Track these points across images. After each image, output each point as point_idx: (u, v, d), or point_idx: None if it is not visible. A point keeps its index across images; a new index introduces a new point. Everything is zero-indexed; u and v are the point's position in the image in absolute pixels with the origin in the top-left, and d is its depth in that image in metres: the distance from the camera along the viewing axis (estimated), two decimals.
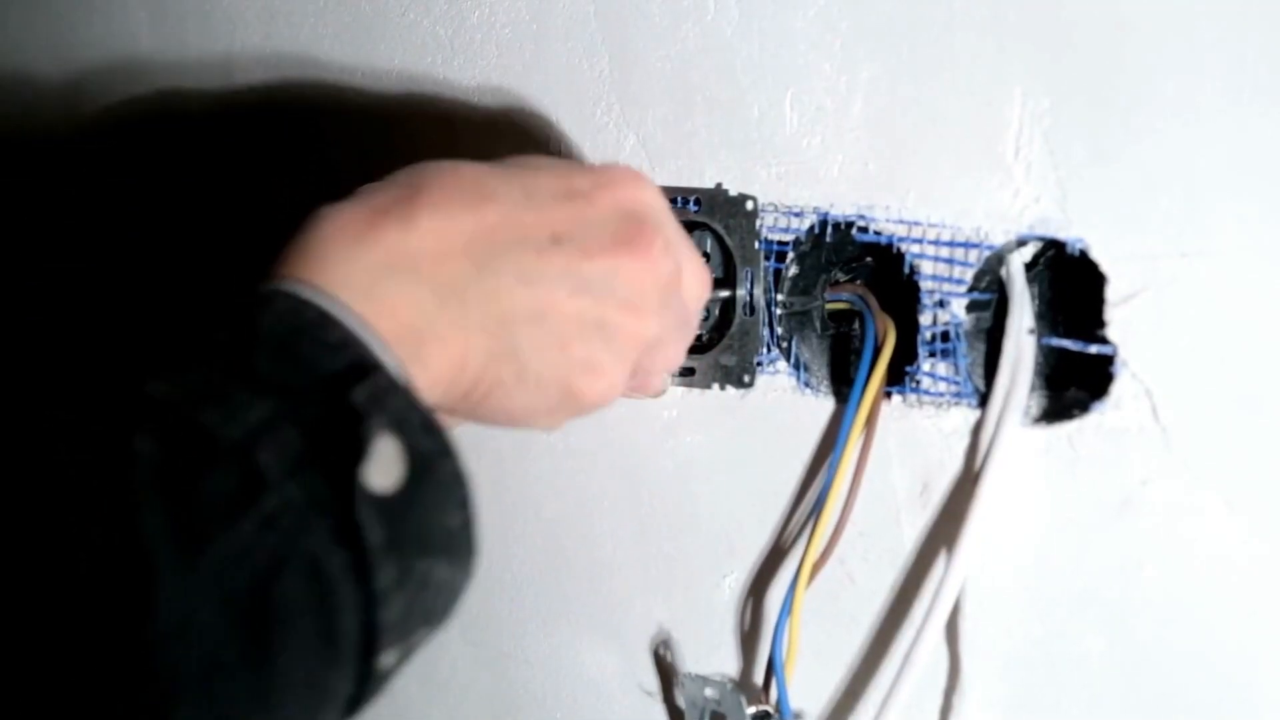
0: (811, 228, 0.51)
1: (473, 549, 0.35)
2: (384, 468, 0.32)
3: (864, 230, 0.50)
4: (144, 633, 0.27)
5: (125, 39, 0.74)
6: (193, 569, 0.28)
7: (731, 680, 0.58)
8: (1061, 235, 0.45)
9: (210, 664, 0.28)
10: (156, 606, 0.27)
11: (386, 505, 0.31)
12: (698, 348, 0.55)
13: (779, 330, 0.54)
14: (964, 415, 0.49)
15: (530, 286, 0.38)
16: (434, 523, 0.33)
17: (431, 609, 0.34)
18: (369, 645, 0.32)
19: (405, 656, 0.34)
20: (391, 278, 0.35)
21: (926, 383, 0.50)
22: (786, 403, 0.54)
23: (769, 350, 0.54)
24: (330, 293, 0.34)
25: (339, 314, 0.33)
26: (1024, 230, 0.46)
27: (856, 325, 0.55)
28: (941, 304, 0.49)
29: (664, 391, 0.55)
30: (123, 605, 0.27)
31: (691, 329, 0.48)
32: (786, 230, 0.52)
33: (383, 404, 0.32)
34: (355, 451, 0.31)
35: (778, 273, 0.53)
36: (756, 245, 0.53)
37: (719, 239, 0.53)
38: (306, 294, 0.34)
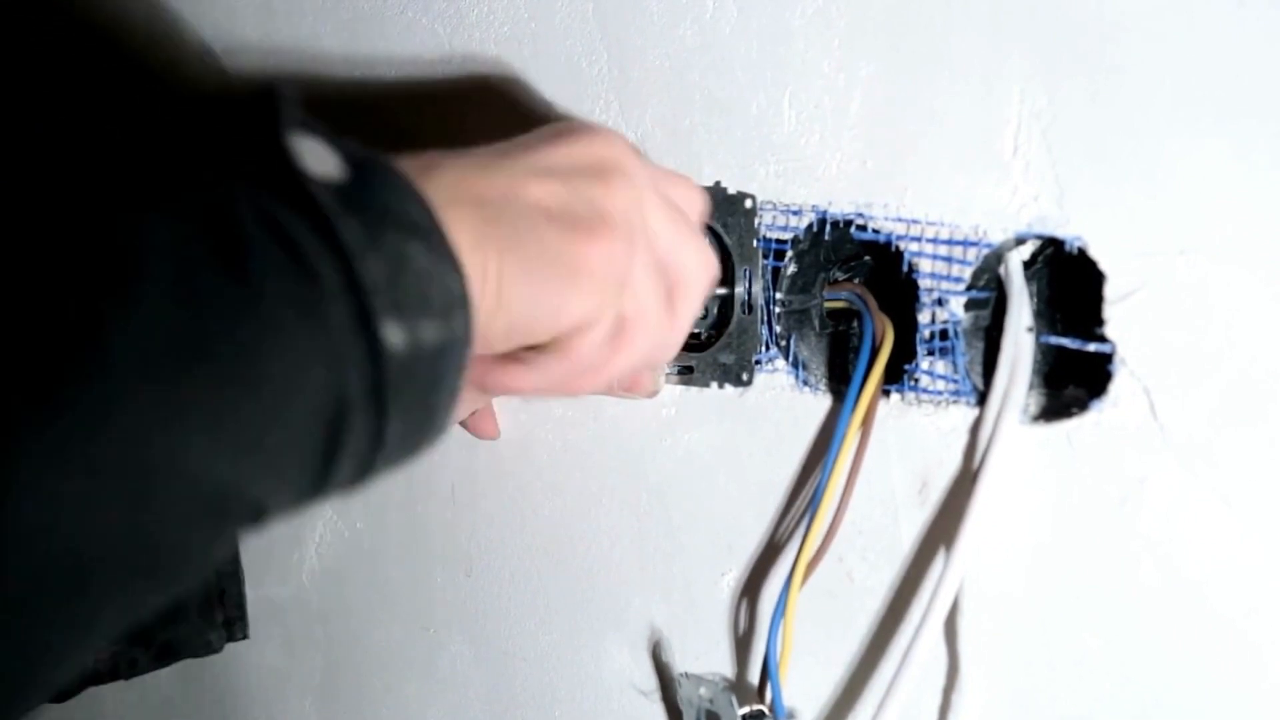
0: (810, 226, 0.51)
1: (446, 240, 0.34)
2: (316, 157, 0.31)
3: (862, 228, 0.50)
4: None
5: (122, 33, 0.74)
6: (153, 209, 0.28)
7: (725, 680, 0.58)
8: (1060, 233, 0.45)
9: (181, 258, 0.27)
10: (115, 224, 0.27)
11: (331, 186, 0.31)
12: (696, 346, 0.55)
13: (777, 328, 0.54)
14: (962, 413, 0.49)
15: (491, 175, 0.39)
16: (393, 205, 0.32)
17: (425, 296, 0.32)
18: (360, 301, 0.30)
19: (417, 347, 0.32)
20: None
21: (925, 381, 0.50)
22: (785, 401, 0.54)
23: (767, 348, 0.54)
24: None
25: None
26: (1022, 228, 0.46)
27: (855, 324, 0.55)
28: (940, 302, 0.49)
29: (659, 391, 0.55)
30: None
31: (690, 303, 0.45)
32: (785, 228, 0.52)
33: (300, 118, 0.32)
34: (275, 134, 0.31)
35: (776, 271, 0.53)
36: (755, 243, 0.53)
37: (717, 237, 0.53)
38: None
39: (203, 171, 0.30)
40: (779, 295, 0.54)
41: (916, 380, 0.50)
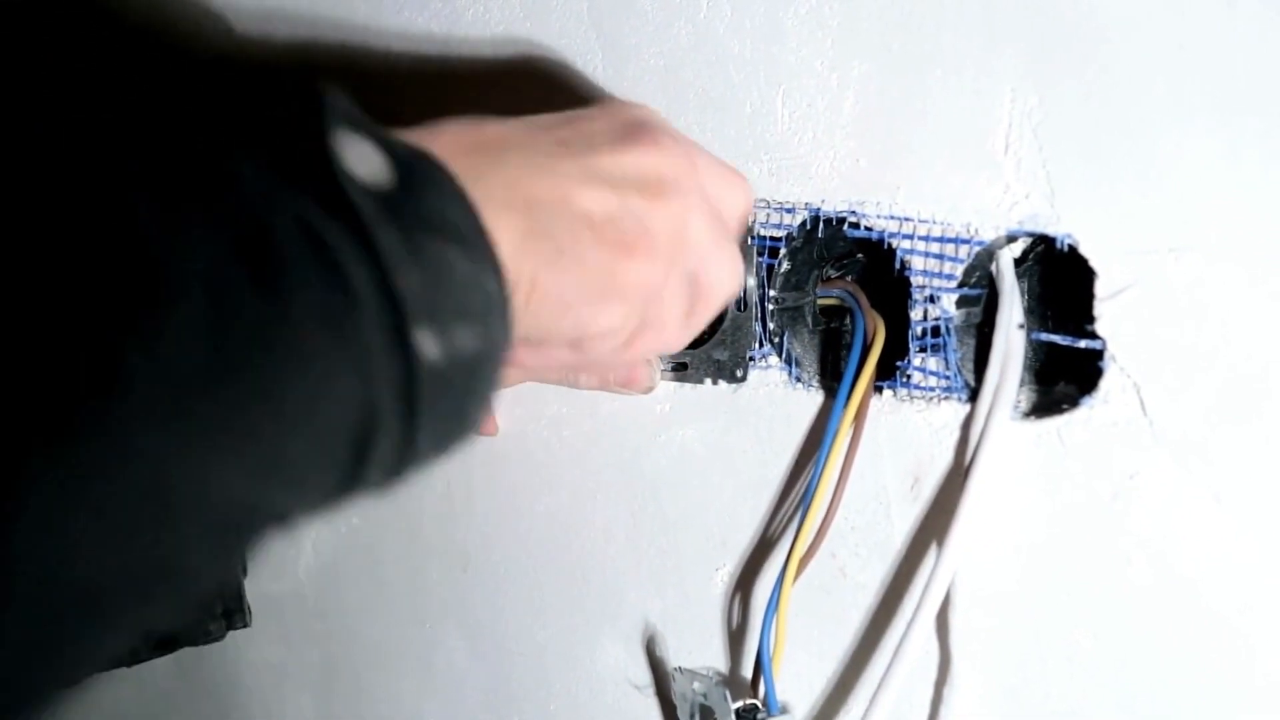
0: (803, 223, 0.52)
1: (490, 247, 0.33)
2: (361, 158, 0.30)
3: (855, 226, 0.50)
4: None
5: (119, 37, 0.74)
6: (178, 214, 0.27)
7: (719, 674, 0.58)
8: (1051, 231, 0.45)
9: (212, 278, 0.26)
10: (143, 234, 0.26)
11: (373, 191, 0.30)
12: (691, 343, 0.55)
13: (771, 325, 0.54)
14: (954, 410, 0.50)
15: (544, 177, 0.38)
16: (436, 211, 0.32)
17: (463, 304, 0.31)
18: (395, 312, 0.29)
19: (453, 356, 0.31)
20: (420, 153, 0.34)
21: (917, 377, 0.50)
22: (778, 397, 0.55)
23: (761, 345, 0.54)
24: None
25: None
26: (1014, 226, 0.47)
27: (848, 321, 0.55)
28: (932, 299, 0.49)
29: (654, 387, 0.56)
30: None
31: (705, 302, 0.45)
32: (779, 226, 0.52)
33: (349, 114, 0.31)
34: (321, 134, 0.30)
35: (770, 268, 0.53)
36: (749, 241, 0.53)
37: None
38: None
39: (240, 171, 0.29)
40: (773, 292, 0.54)
41: (909, 377, 0.50)
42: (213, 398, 0.26)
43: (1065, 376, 0.49)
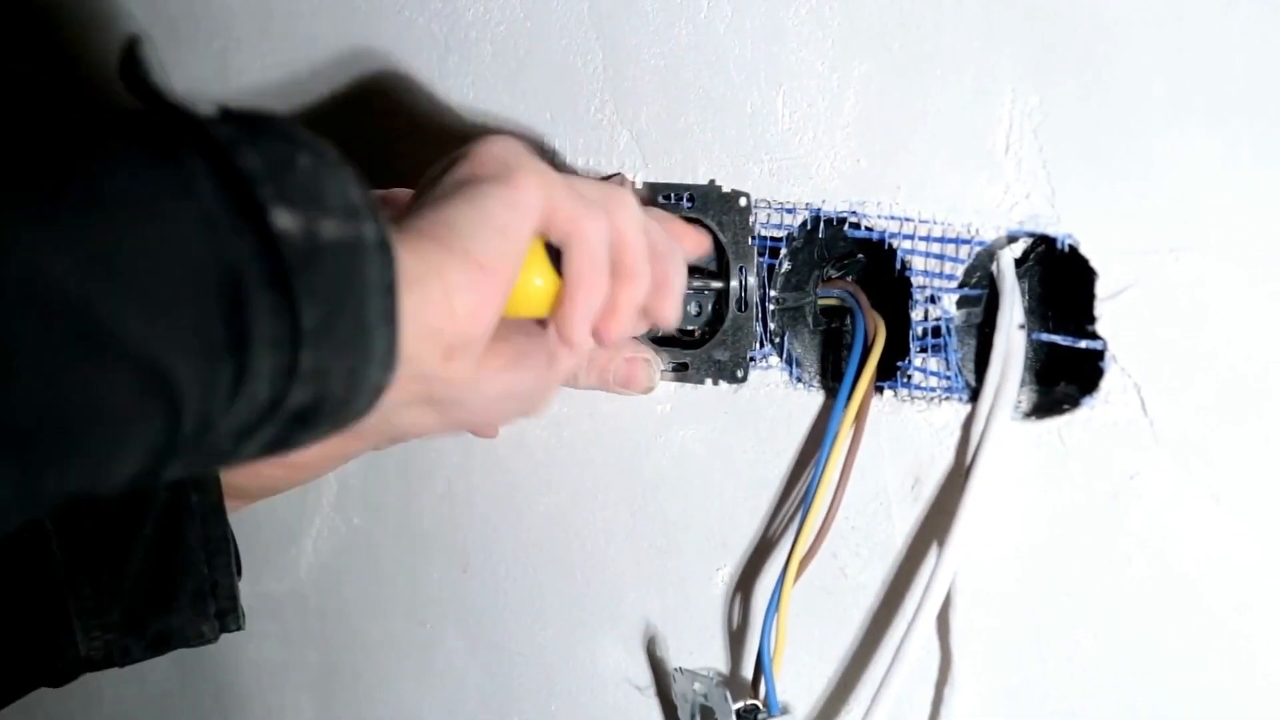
0: (804, 224, 0.52)
1: (337, 157, 0.34)
2: (189, 101, 0.32)
3: (856, 226, 0.50)
4: None
5: (117, 34, 0.74)
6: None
7: (719, 675, 0.58)
8: (1051, 231, 0.45)
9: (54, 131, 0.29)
10: None
11: (212, 113, 0.32)
12: (691, 343, 0.56)
13: (772, 326, 0.54)
14: (955, 410, 0.50)
15: (411, 221, 0.41)
16: (273, 125, 0.33)
17: (315, 191, 0.32)
18: (237, 184, 0.30)
19: (315, 235, 0.32)
20: None
21: (918, 378, 0.50)
22: (779, 398, 0.55)
23: (762, 345, 0.54)
24: None
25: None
26: (1014, 226, 0.47)
27: (848, 321, 0.55)
28: (933, 299, 0.49)
29: (654, 387, 0.56)
30: None
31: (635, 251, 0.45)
32: (779, 226, 0.52)
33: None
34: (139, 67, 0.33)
35: (771, 268, 0.53)
36: (750, 241, 0.53)
37: (713, 235, 0.54)
38: None
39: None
40: (773, 293, 0.54)
41: (909, 377, 0.50)
42: (39, 178, 0.27)
43: (1066, 377, 0.49)
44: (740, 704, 0.52)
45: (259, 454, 0.34)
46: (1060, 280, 0.49)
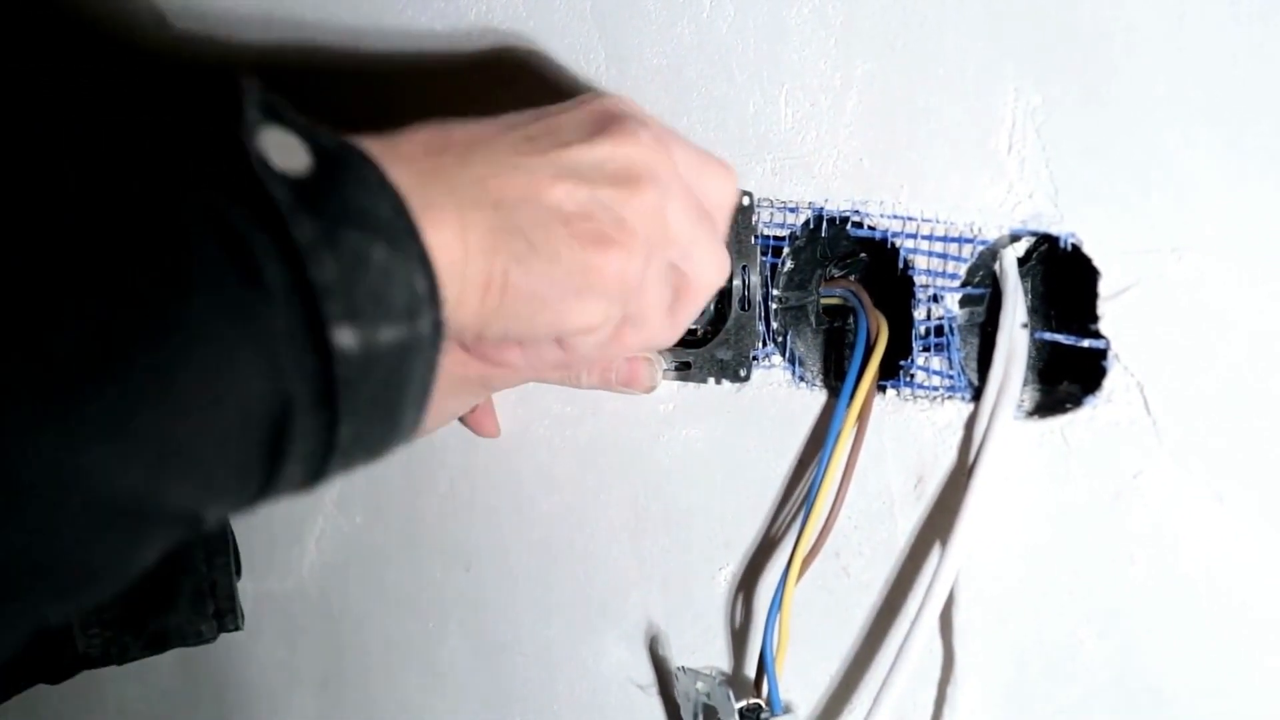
0: (807, 223, 0.52)
1: (418, 242, 0.32)
2: (281, 148, 0.30)
3: (859, 225, 0.50)
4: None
5: (121, 38, 0.74)
6: (89, 204, 0.27)
7: (722, 674, 0.58)
8: (1054, 230, 0.45)
9: (111, 268, 0.26)
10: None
11: (291, 180, 0.29)
12: (694, 342, 0.56)
13: (774, 325, 0.54)
14: (958, 409, 0.50)
15: (513, 174, 0.38)
16: (359, 203, 0.31)
17: (384, 297, 0.30)
18: (309, 305, 0.29)
19: (371, 349, 0.30)
20: (380, 160, 0.33)
21: (921, 377, 0.50)
22: (782, 397, 0.55)
23: (764, 345, 0.54)
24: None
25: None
26: (1017, 225, 0.47)
27: (851, 320, 0.55)
28: (935, 298, 0.49)
29: (657, 386, 0.56)
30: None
31: (692, 293, 0.44)
32: (782, 225, 0.52)
33: (270, 104, 0.31)
34: (236, 123, 0.30)
35: (773, 267, 0.53)
36: (753, 240, 0.53)
37: None
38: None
39: (155, 166, 0.28)
40: (776, 292, 0.54)
41: (912, 376, 0.50)
42: (96, 382, 0.26)
43: (1069, 376, 0.49)
44: (743, 703, 0.52)
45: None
46: (1063, 279, 0.49)
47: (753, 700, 0.52)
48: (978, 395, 0.49)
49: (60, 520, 0.25)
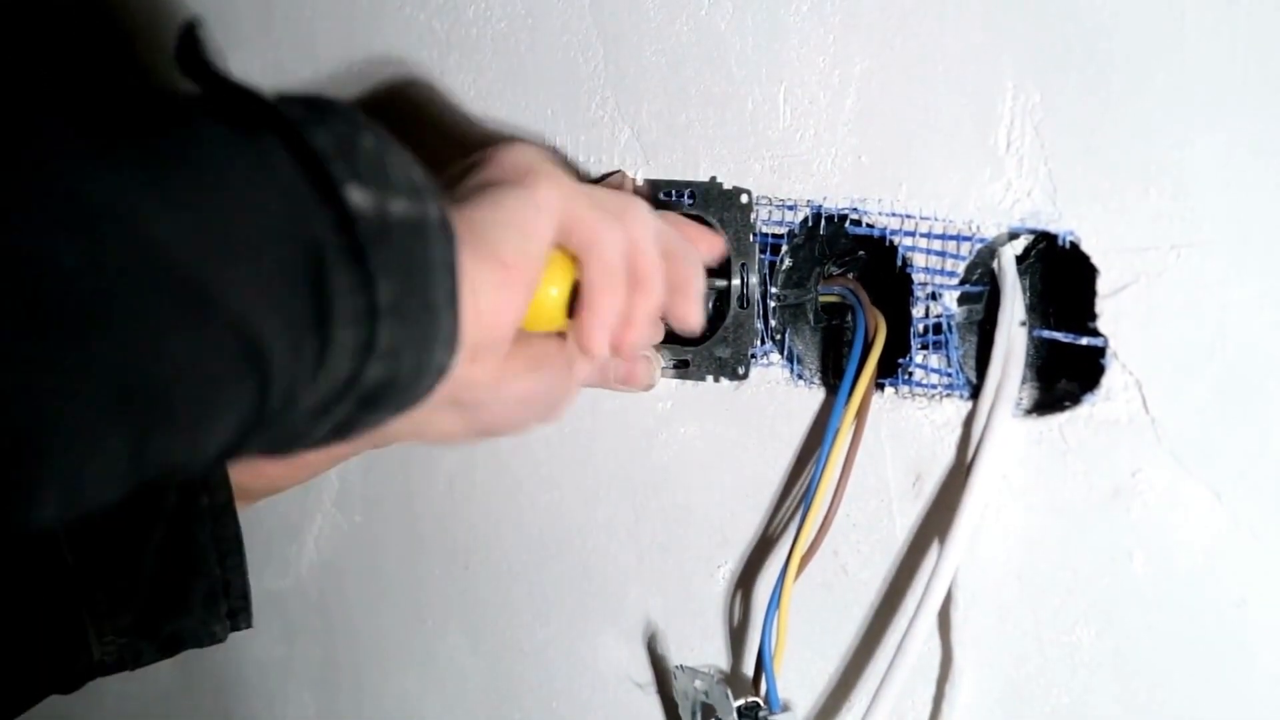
0: (805, 220, 0.52)
1: (397, 141, 0.34)
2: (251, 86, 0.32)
3: (857, 223, 0.50)
4: None
5: (118, 32, 0.74)
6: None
7: (720, 672, 0.58)
8: (1053, 228, 0.45)
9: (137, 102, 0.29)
10: None
11: (281, 98, 0.32)
12: (692, 340, 0.56)
13: (773, 323, 0.54)
14: (956, 407, 0.50)
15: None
16: (333, 110, 0.33)
17: (382, 169, 0.33)
18: (314, 164, 0.31)
19: (385, 212, 0.32)
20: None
21: (919, 375, 0.50)
22: (780, 395, 0.55)
23: (763, 342, 0.54)
24: None
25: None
26: (1015, 223, 0.47)
27: (850, 318, 0.55)
28: (934, 296, 0.49)
29: (655, 384, 0.56)
30: None
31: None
32: (780, 223, 0.52)
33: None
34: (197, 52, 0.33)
35: (772, 265, 0.53)
36: (751, 238, 0.53)
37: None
38: None
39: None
40: (774, 290, 0.54)
41: (910, 374, 0.50)
42: (141, 145, 0.27)
43: (1067, 374, 0.49)
44: (741, 701, 0.52)
45: (327, 436, 0.34)
46: (1061, 277, 0.49)
47: (751, 698, 0.52)
48: (976, 393, 0.49)
49: (119, 261, 0.26)
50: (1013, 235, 0.48)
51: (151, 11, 0.73)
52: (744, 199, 0.53)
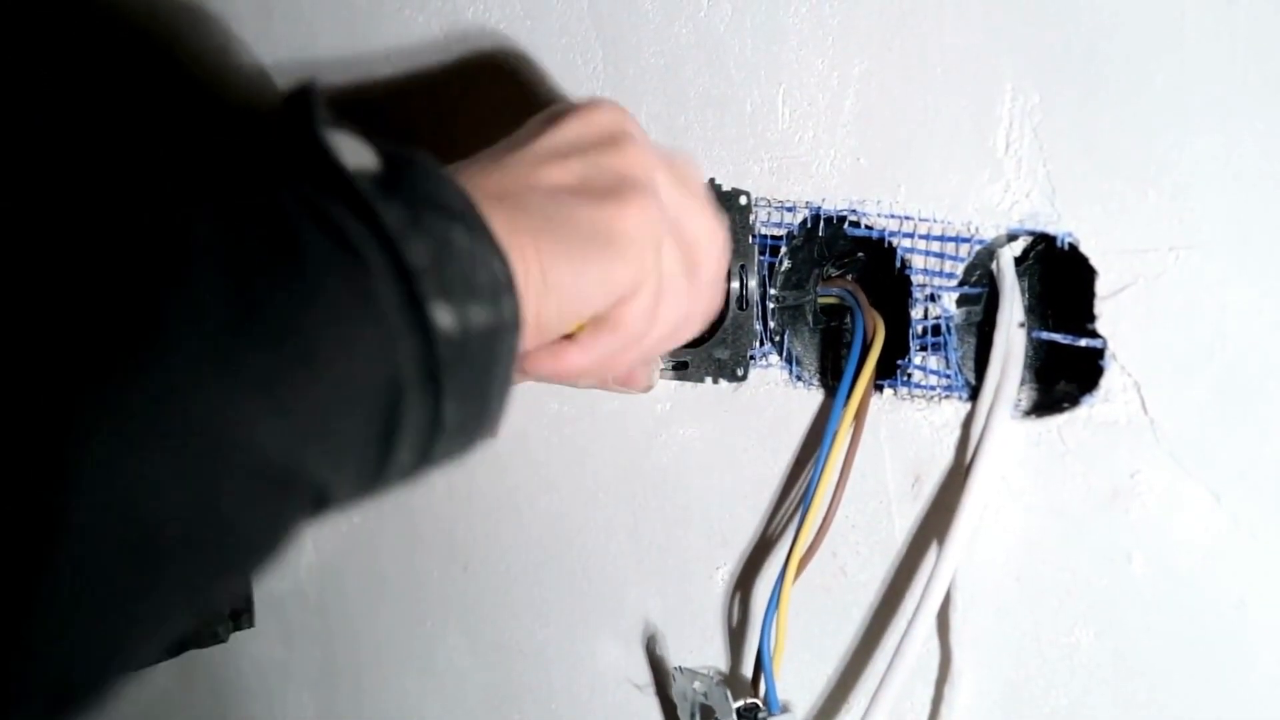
0: (804, 222, 0.52)
1: (486, 225, 0.34)
2: (352, 150, 0.32)
3: (856, 225, 0.50)
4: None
5: (123, 38, 0.74)
6: (201, 201, 0.29)
7: (719, 673, 0.58)
8: (1051, 229, 0.46)
9: (233, 251, 0.28)
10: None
11: (369, 176, 0.31)
12: (691, 341, 0.55)
13: (772, 324, 0.54)
14: (955, 408, 0.50)
15: (502, 172, 0.39)
16: (430, 191, 0.33)
17: (471, 279, 0.32)
18: (408, 284, 0.30)
19: (467, 328, 0.32)
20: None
21: (918, 376, 0.50)
22: (779, 396, 0.55)
23: (762, 344, 0.54)
24: None
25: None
26: (1014, 224, 0.47)
27: (849, 319, 0.55)
28: (932, 298, 0.49)
29: (654, 386, 0.56)
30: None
31: (702, 273, 0.45)
32: (779, 225, 0.52)
33: (332, 118, 0.33)
34: (310, 128, 0.32)
35: (771, 267, 0.53)
36: (750, 240, 0.53)
37: None
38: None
39: (247, 167, 0.30)
40: (773, 291, 0.54)
41: (909, 375, 0.50)
42: (246, 348, 0.27)
43: (1066, 375, 0.49)
44: (740, 702, 0.52)
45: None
46: (1060, 278, 0.49)
47: (750, 699, 0.52)
48: (975, 394, 0.49)
49: (218, 478, 0.27)
50: (1011, 237, 0.48)
51: (151, 11, 0.73)
52: (743, 200, 0.53)
